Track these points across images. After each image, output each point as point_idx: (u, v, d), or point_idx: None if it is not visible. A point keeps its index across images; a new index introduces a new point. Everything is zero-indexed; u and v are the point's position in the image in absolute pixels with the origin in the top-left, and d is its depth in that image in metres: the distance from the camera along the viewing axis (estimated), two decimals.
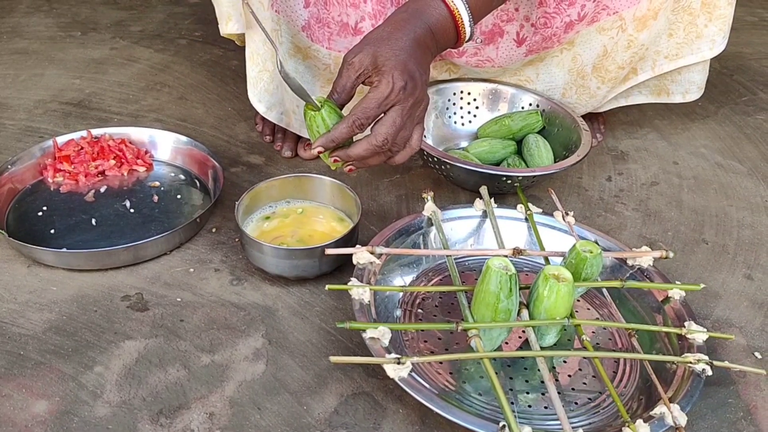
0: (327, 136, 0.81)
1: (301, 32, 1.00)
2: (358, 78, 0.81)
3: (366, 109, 0.79)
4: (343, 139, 0.81)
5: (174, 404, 0.75)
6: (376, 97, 0.79)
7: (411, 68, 0.80)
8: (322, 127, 0.81)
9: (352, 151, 0.82)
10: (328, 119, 0.81)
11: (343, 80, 0.81)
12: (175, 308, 0.86)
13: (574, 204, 1.06)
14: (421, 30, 0.83)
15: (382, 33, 0.82)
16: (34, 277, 0.90)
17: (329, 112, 0.81)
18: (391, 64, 0.79)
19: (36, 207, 1.00)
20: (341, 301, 0.87)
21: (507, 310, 0.74)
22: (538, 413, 0.73)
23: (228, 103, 1.28)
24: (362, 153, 0.81)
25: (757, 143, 1.22)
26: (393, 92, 0.79)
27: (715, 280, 0.93)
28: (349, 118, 0.80)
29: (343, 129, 0.80)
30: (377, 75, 0.80)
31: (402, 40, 0.81)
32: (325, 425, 0.73)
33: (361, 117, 0.79)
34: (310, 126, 0.82)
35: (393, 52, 0.80)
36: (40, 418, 0.73)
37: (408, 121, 0.82)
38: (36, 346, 0.81)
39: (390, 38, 0.81)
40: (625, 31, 1.04)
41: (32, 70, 1.38)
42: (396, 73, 0.79)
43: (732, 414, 0.76)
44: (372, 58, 0.80)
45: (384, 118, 0.81)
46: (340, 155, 0.82)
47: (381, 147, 0.81)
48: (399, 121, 0.80)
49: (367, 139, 0.81)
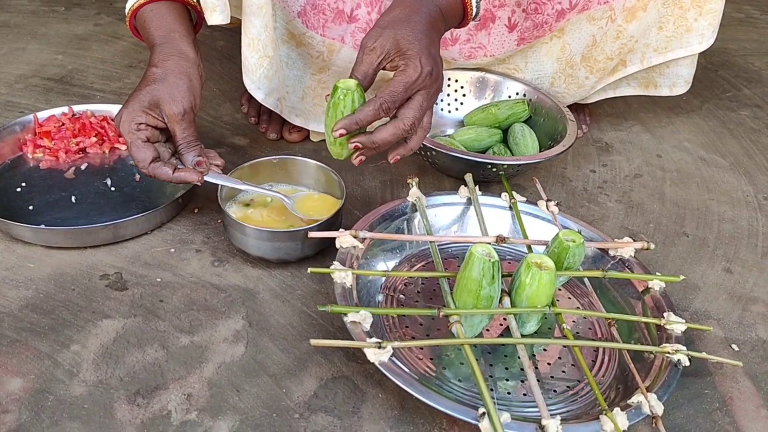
0: (351, 118, 0.77)
1: (297, 18, 0.98)
2: (380, 63, 0.78)
3: (394, 93, 0.77)
4: (368, 123, 0.78)
5: (151, 385, 0.74)
6: (404, 81, 0.77)
7: (434, 53, 0.79)
8: (349, 108, 0.77)
9: (377, 136, 0.78)
10: (357, 102, 0.77)
11: (365, 66, 0.78)
12: (155, 288, 0.85)
13: (558, 194, 1.06)
14: (434, 12, 0.82)
15: (398, 15, 0.80)
16: (11, 253, 0.89)
17: (359, 96, 0.78)
18: (416, 48, 0.77)
19: (15, 183, 0.98)
20: (323, 285, 0.87)
21: (489, 297, 0.74)
22: (517, 400, 0.73)
23: (213, 83, 1.26)
24: (388, 137, 0.78)
25: (739, 138, 1.23)
26: (421, 77, 0.77)
27: (694, 273, 0.94)
28: (377, 101, 0.76)
29: (370, 111, 0.77)
30: (403, 59, 0.77)
31: (421, 23, 0.79)
32: (304, 408, 0.73)
33: (389, 100, 0.76)
34: (336, 105, 0.78)
35: (415, 36, 0.78)
36: (14, 396, 0.72)
37: (430, 106, 0.80)
38: (11, 323, 0.80)
39: (408, 21, 0.79)
40: (614, 21, 1.04)
41: (14, 44, 1.35)
42: (423, 59, 0.77)
43: (708, 404, 0.77)
44: (394, 41, 0.77)
45: (411, 103, 0.78)
46: (363, 141, 0.79)
47: (408, 131, 0.78)
48: (425, 105, 0.79)
49: (394, 124, 0.78)
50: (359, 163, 0.81)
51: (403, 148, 0.82)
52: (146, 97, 0.84)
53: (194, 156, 0.86)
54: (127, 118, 0.84)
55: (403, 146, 0.82)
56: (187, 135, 0.86)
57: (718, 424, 0.74)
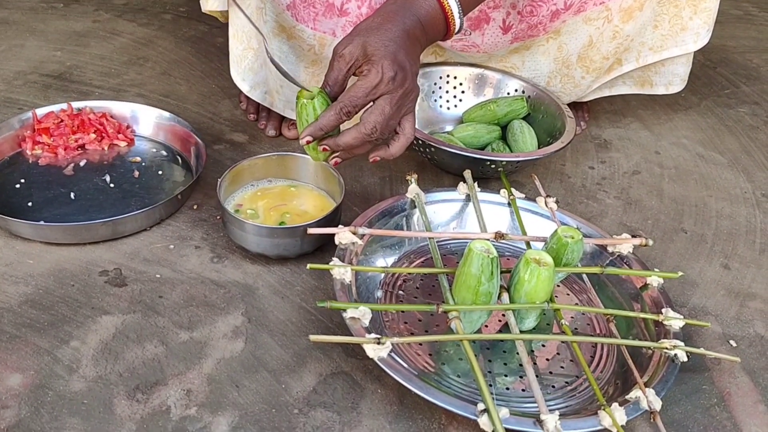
0: (315, 124, 0.80)
1: (286, 11, 0.99)
2: (349, 69, 0.80)
3: (354, 97, 0.79)
4: (330, 127, 0.80)
5: (151, 380, 0.74)
6: (365, 85, 0.79)
7: (401, 59, 0.80)
8: (311, 116, 0.81)
9: (341, 139, 0.81)
10: (318, 109, 0.80)
11: (335, 72, 0.81)
12: (154, 284, 0.85)
13: (556, 191, 1.06)
14: (411, 21, 0.83)
15: (372, 24, 0.81)
16: (10, 249, 0.89)
17: (321, 103, 0.81)
18: (380, 54, 0.79)
19: (14, 179, 0.98)
20: (322, 281, 0.87)
21: (488, 293, 0.74)
22: (515, 396, 0.74)
23: (212, 80, 1.26)
24: (351, 141, 0.81)
25: (738, 135, 1.24)
26: (382, 82, 0.78)
27: (692, 269, 0.94)
28: (336, 106, 0.79)
29: (331, 116, 0.79)
30: (367, 64, 0.79)
31: (392, 31, 0.81)
32: (303, 404, 0.73)
33: (348, 105, 0.79)
34: (300, 114, 0.81)
35: (383, 43, 0.79)
36: (14, 392, 0.72)
37: (396, 111, 0.81)
38: (11, 319, 0.80)
39: (380, 29, 0.80)
40: (611, 21, 1.04)
41: (12, 40, 1.35)
42: (386, 63, 0.78)
43: (706, 400, 0.77)
44: (362, 48, 0.79)
45: (373, 107, 0.80)
46: (329, 144, 0.82)
47: (370, 135, 0.80)
48: (388, 109, 0.80)
49: (356, 128, 0.80)
50: (336, 165, 0.85)
51: (383, 151, 0.85)
52: None
53: None
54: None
55: (384, 149, 0.85)
56: None
57: (716, 420, 0.75)
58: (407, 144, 0.85)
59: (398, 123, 0.84)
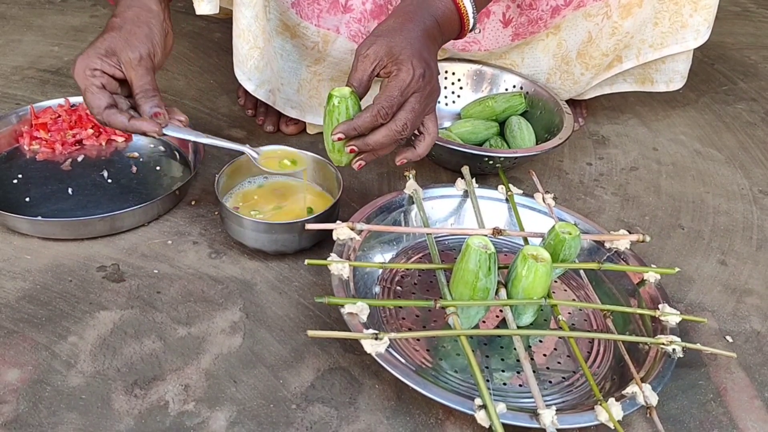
0: (349, 123, 0.79)
1: (291, 9, 0.98)
2: (374, 70, 0.80)
3: (390, 97, 0.78)
4: (366, 129, 0.79)
5: (149, 375, 0.74)
6: (398, 85, 0.78)
7: (426, 57, 0.80)
8: (344, 115, 0.79)
9: (371, 138, 0.79)
10: (351, 109, 0.79)
11: (359, 73, 0.80)
12: (152, 280, 0.85)
13: (554, 187, 1.07)
14: (429, 22, 0.83)
15: (393, 24, 0.81)
16: (7, 245, 0.89)
17: (354, 103, 0.80)
18: (408, 53, 0.78)
19: (11, 174, 0.98)
20: (320, 277, 0.87)
21: (485, 289, 0.74)
22: (513, 391, 0.74)
23: (210, 75, 1.26)
24: (382, 140, 0.79)
25: (735, 132, 1.24)
26: (414, 79, 0.78)
27: (689, 265, 0.94)
28: (374, 107, 0.78)
29: (368, 117, 0.78)
30: (395, 64, 0.79)
31: (414, 31, 0.81)
32: (301, 399, 0.73)
33: (386, 106, 0.78)
34: (331, 113, 0.80)
35: (407, 42, 0.79)
36: (11, 387, 0.72)
37: (424, 109, 0.81)
38: (9, 314, 0.80)
39: (402, 29, 0.80)
40: (610, 17, 1.04)
41: (9, 36, 1.35)
42: (414, 61, 0.78)
43: (702, 395, 0.77)
44: (387, 48, 0.79)
45: (405, 105, 0.79)
46: (358, 144, 0.80)
47: (401, 133, 0.79)
48: (418, 107, 0.79)
49: (387, 126, 0.79)
50: (359, 168, 0.82)
51: (410, 152, 0.84)
52: (102, 44, 0.83)
53: (152, 107, 0.82)
54: (82, 65, 0.82)
55: (411, 150, 0.84)
56: (144, 83, 0.83)
57: (712, 415, 0.75)
58: (432, 143, 0.84)
59: (421, 122, 0.83)
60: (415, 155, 0.84)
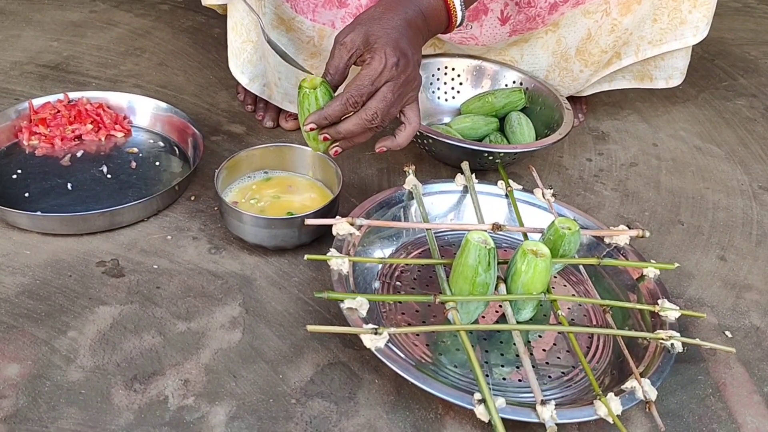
0: (320, 113, 0.80)
1: (285, 3, 0.98)
2: (350, 58, 0.80)
3: (360, 86, 0.79)
4: (336, 117, 0.80)
5: (148, 370, 0.74)
6: (369, 74, 0.78)
7: (403, 46, 0.80)
8: (314, 105, 0.81)
9: (342, 126, 0.81)
10: (321, 99, 0.80)
11: (336, 60, 0.81)
12: (152, 275, 0.85)
13: (554, 182, 1.07)
14: (412, 11, 0.83)
15: (373, 13, 0.82)
16: (7, 240, 0.89)
17: (324, 93, 0.81)
18: (382, 42, 0.79)
19: (10, 170, 0.98)
20: (320, 272, 0.87)
21: (485, 284, 0.74)
22: (512, 386, 0.74)
23: (209, 70, 1.26)
24: (352, 128, 0.81)
25: (735, 128, 1.24)
26: (386, 68, 0.78)
27: (689, 260, 0.94)
28: (343, 96, 0.79)
29: (337, 106, 0.79)
30: (369, 53, 0.79)
31: (393, 20, 0.81)
32: (301, 394, 0.73)
33: (355, 94, 0.79)
34: (302, 103, 0.81)
35: (384, 31, 0.79)
36: (11, 382, 0.72)
37: (398, 98, 0.81)
38: (8, 309, 0.80)
39: (382, 18, 0.81)
40: (609, 14, 1.04)
41: (9, 31, 1.34)
42: (388, 50, 0.78)
43: (701, 390, 0.77)
44: (363, 36, 0.79)
45: (376, 94, 0.80)
46: (330, 132, 0.82)
47: (371, 122, 0.80)
48: (390, 96, 0.80)
49: (357, 114, 0.80)
50: (335, 154, 0.84)
51: (390, 140, 0.85)
52: None
53: None
54: None
55: (390, 139, 0.85)
56: None
57: (711, 410, 0.75)
58: (413, 133, 0.85)
59: (401, 112, 0.84)
60: (395, 144, 0.85)
